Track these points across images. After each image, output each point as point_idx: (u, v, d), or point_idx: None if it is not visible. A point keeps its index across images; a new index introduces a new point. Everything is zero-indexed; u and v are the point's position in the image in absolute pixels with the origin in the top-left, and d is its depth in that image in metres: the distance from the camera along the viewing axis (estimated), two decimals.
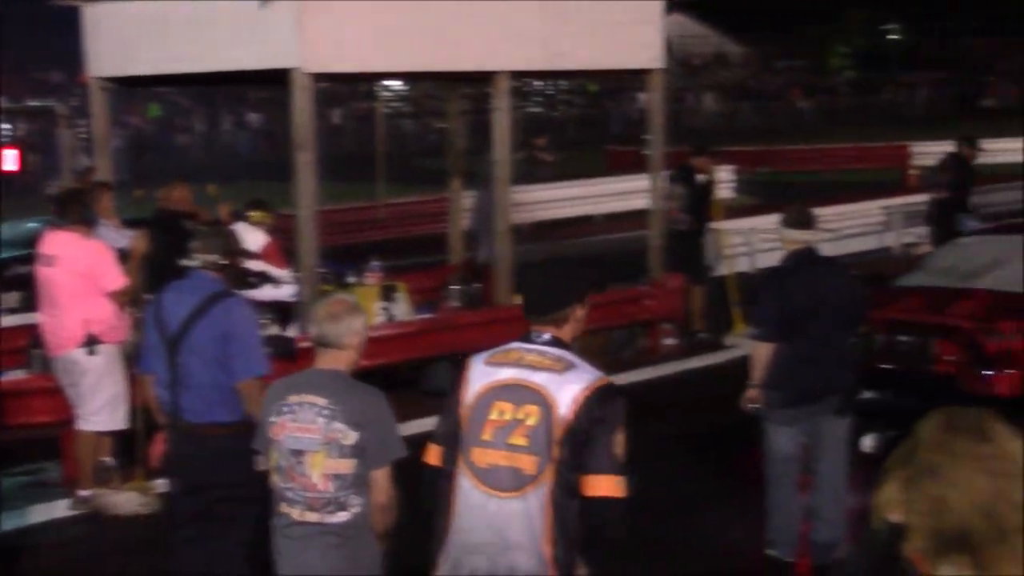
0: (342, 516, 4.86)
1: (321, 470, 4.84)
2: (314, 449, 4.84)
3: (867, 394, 7.20)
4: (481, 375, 4.28)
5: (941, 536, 2.82)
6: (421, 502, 4.37)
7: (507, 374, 4.23)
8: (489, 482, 4.15)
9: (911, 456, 2.94)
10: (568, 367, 4.18)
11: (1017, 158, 32.97)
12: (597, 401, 4.13)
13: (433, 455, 4.36)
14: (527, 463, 4.11)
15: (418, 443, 10.06)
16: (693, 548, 7.57)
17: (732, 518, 8.35)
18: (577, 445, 4.09)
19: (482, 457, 4.18)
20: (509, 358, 4.21)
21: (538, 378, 4.18)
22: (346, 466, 4.83)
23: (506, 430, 4.15)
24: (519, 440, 4.13)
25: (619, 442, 4.15)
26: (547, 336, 4.24)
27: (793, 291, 7.22)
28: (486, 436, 4.17)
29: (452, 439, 4.27)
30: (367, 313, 5.34)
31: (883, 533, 3.03)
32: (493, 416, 4.18)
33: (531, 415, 4.13)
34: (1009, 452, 2.86)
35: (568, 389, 4.14)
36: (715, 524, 8.29)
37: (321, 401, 4.85)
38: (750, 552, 7.63)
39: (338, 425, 4.82)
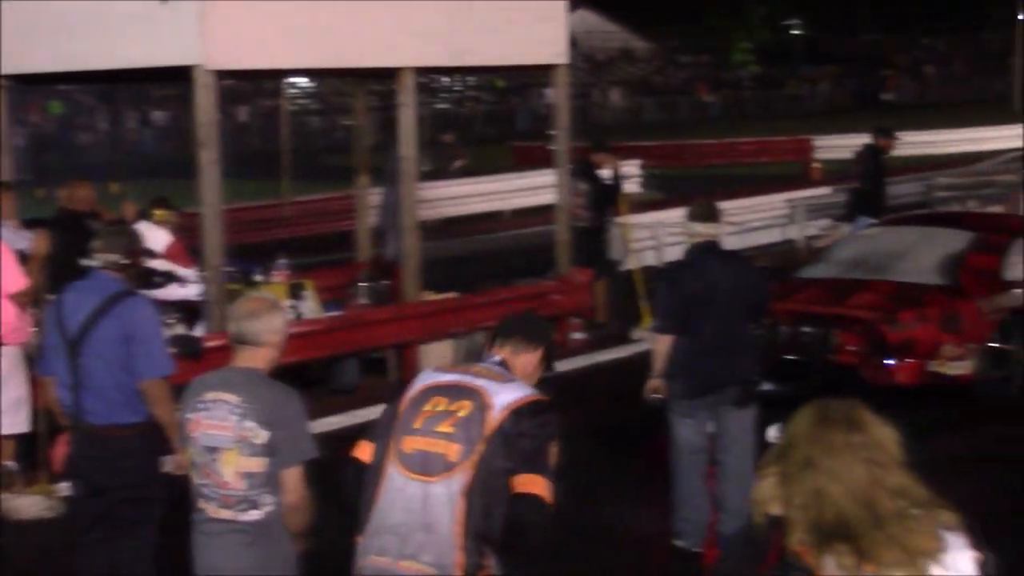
0: (254, 515, 4.85)
1: (234, 468, 4.82)
2: (227, 447, 4.83)
3: (767, 385, 7.26)
4: (425, 378, 4.44)
5: (821, 527, 2.89)
6: (342, 495, 4.38)
7: (450, 377, 4.38)
8: (411, 466, 4.21)
9: (786, 451, 3.00)
10: (510, 380, 4.34)
11: (916, 151, 33.60)
12: (531, 412, 4.25)
13: (361, 450, 4.40)
14: (450, 450, 4.18)
15: (327, 441, 10.00)
16: (601, 539, 7.62)
17: (640, 509, 8.42)
18: (504, 448, 4.16)
19: (409, 444, 4.25)
20: (456, 368, 4.46)
21: (479, 382, 4.31)
22: (257, 465, 4.81)
23: (436, 419, 4.24)
24: (446, 428, 4.21)
25: (552, 453, 4.23)
26: (498, 358, 4.41)
27: (690, 283, 7.31)
28: (416, 425, 4.26)
29: (385, 433, 4.32)
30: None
31: (764, 528, 3.10)
32: (427, 408, 4.28)
33: (464, 408, 4.23)
34: (880, 440, 2.95)
35: (505, 395, 4.27)
36: (623, 515, 8.35)
37: (234, 399, 4.83)
38: (658, 543, 7.70)
39: (249, 424, 4.80)
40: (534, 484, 4.16)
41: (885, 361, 9.94)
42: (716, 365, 7.24)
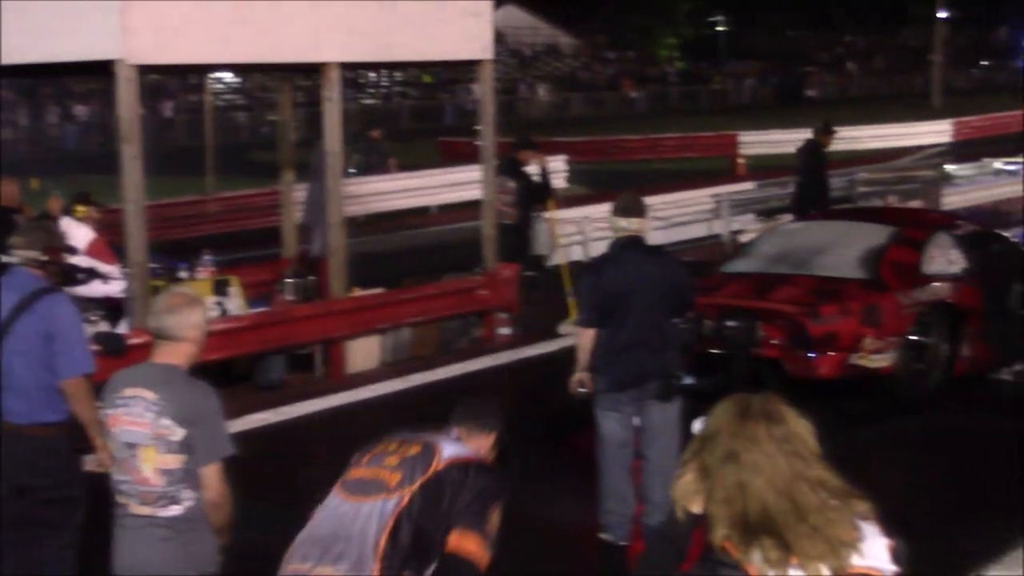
0: (174, 510, 4.83)
1: (152, 464, 4.81)
2: (145, 443, 4.81)
3: (691, 379, 7.31)
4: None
5: (745, 521, 2.91)
6: None
7: (406, 433, 4.64)
8: (350, 490, 4.44)
9: (706, 445, 3.03)
10: (459, 442, 4.43)
11: (838, 147, 33.95)
12: (477, 471, 4.42)
13: None
14: (391, 478, 4.36)
15: (253, 438, 9.99)
16: (527, 533, 7.65)
17: (566, 503, 8.46)
18: (444, 492, 4.31)
19: (354, 474, 4.51)
20: (394, 444, 4.58)
21: (430, 437, 4.55)
22: (175, 461, 4.80)
23: (384, 455, 4.49)
24: (392, 461, 4.44)
25: (493, 516, 4.31)
26: (455, 434, 4.62)
27: (613, 278, 7.35)
28: (364, 461, 4.53)
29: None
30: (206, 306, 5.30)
31: (684, 525, 3.13)
32: (378, 448, 4.55)
33: (413, 450, 4.46)
34: (799, 433, 2.99)
35: (453, 450, 4.48)
36: (549, 509, 8.39)
37: (151, 396, 4.81)
38: (584, 536, 7.74)
39: (165, 421, 4.78)
40: (469, 541, 4.25)
41: (808, 354, 10.04)
42: (639, 359, 7.29)
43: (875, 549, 2.99)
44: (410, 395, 11.36)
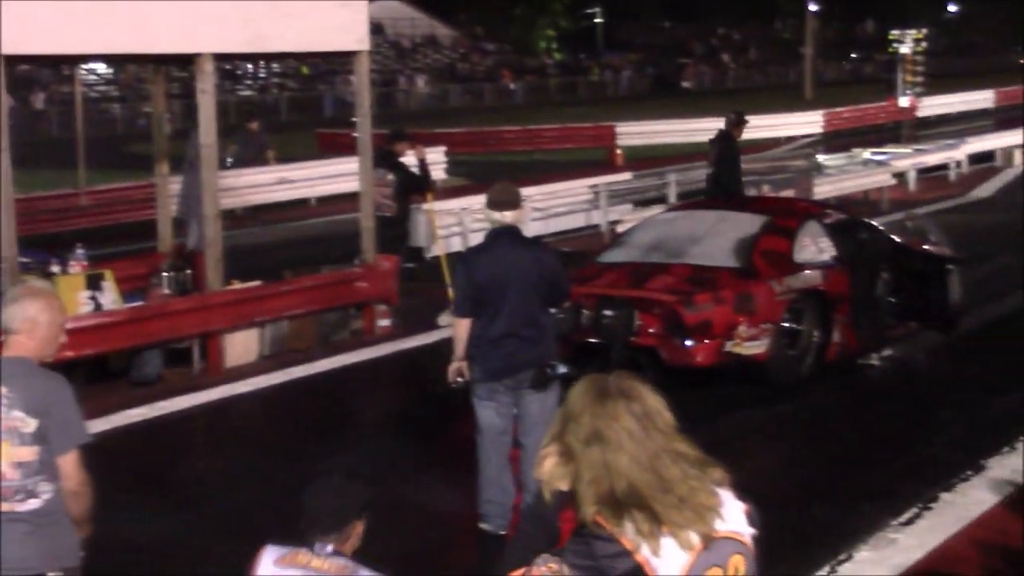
0: (33, 503, 4.76)
1: (6, 459, 4.72)
2: None
3: (564, 368, 7.36)
4: (266, 568, 4.26)
5: (614, 498, 2.98)
6: None
7: (294, 572, 4.23)
8: None
9: (567, 428, 3.08)
10: (355, 572, 4.25)
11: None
12: None
13: None
14: None
15: (128, 434, 9.87)
16: (407, 523, 7.67)
17: (446, 494, 8.49)
18: None
19: None
20: (297, 561, 4.21)
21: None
22: (29, 454, 4.72)
23: None
24: None
25: None
26: (330, 549, 4.26)
27: (484, 268, 7.38)
28: None
29: None
30: (60, 299, 5.17)
31: (552, 504, 3.18)
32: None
33: None
34: (656, 408, 3.07)
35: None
36: (428, 499, 8.42)
37: (1, 390, 4.73)
38: (463, 526, 7.78)
39: (16, 413, 4.71)
40: None
41: (684, 342, 10.18)
42: (515, 349, 7.33)
43: (734, 513, 3.11)
44: (289, 388, 11.30)
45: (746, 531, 3.13)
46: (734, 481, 3.16)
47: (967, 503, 7.67)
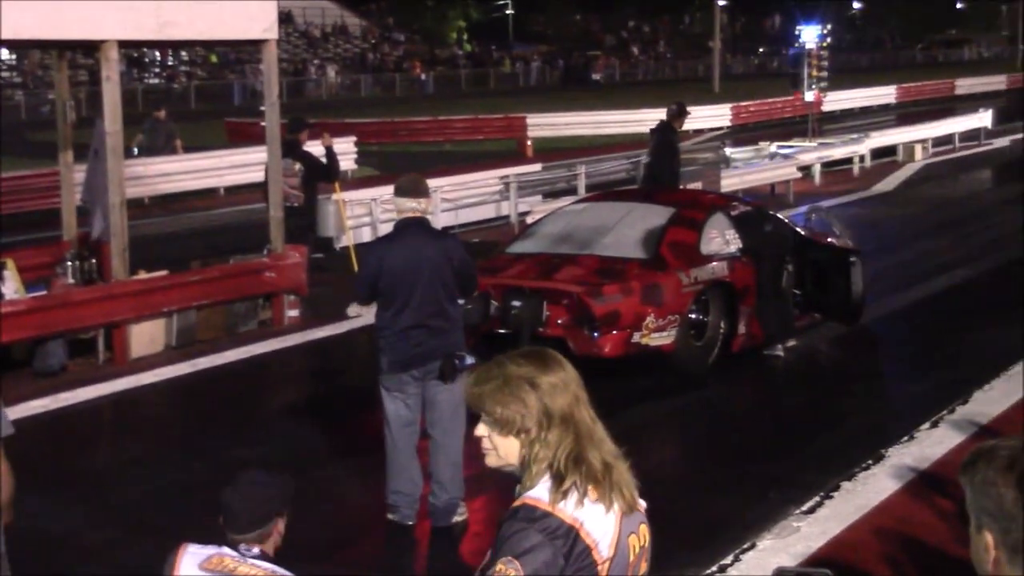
0: None
1: None
2: None
3: (471, 359, 7.35)
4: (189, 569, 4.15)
5: (575, 457, 3.13)
6: None
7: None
8: None
9: (526, 391, 3.17)
10: (261, 558, 4.19)
11: (624, 130, 34.74)
12: None
13: None
14: None
15: (31, 425, 9.71)
16: (315, 514, 7.65)
17: (355, 484, 8.48)
18: None
19: None
20: (224, 566, 4.11)
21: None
22: None
23: None
24: None
25: None
26: (257, 551, 4.20)
27: (393, 257, 7.37)
28: None
29: None
30: None
31: None
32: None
33: None
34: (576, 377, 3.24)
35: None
36: (336, 490, 8.40)
37: None
38: (371, 517, 7.78)
39: None
40: None
41: (592, 333, 10.24)
42: (423, 339, 7.33)
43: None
44: (195, 379, 11.20)
45: (643, 505, 3.30)
46: (636, 472, 3.26)
47: (868, 491, 7.80)
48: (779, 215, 12.61)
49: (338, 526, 7.79)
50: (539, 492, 3.08)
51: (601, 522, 3.08)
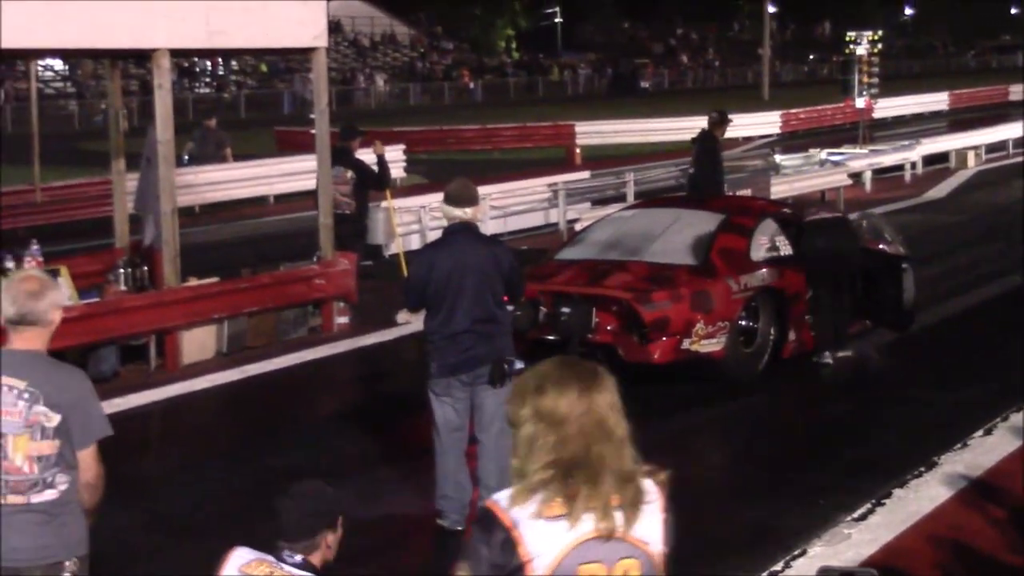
0: (49, 494, 4.74)
1: (24, 452, 4.69)
2: (16, 432, 4.69)
3: (520, 364, 7.34)
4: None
5: (570, 462, 3.07)
6: None
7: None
8: None
9: (555, 388, 3.13)
10: (306, 567, 4.22)
11: (672, 137, 34.64)
12: None
13: None
14: None
15: None
16: (365, 520, 7.66)
17: (402, 490, 8.50)
18: None
19: None
20: (260, 570, 4.15)
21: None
22: (50, 447, 4.70)
23: None
24: None
25: None
26: (299, 559, 4.24)
27: (442, 263, 7.38)
28: None
29: None
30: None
31: None
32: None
33: None
34: (622, 407, 3.17)
35: None
36: (385, 496, 8.42)
37: (21, 384, 4.69)
38: (421, 522, 7.79)
39: (40, 408, 4.68)
40: None
41: (641, 340, 10.22)
42: (472, 344, 7.33)
43: (650, 523, 3.14)
44: (245, 386, 11.27)
45: (655, 542, 3.14)
46: (686, 477, 3.19)
47: (920, 499, 7.74)
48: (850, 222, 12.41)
49: (387, 531, 7.81)
50: (502, 494, 3.11)
51: (549, 538, 3.02)
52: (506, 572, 3.03)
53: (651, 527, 3.12)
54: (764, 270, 11.02)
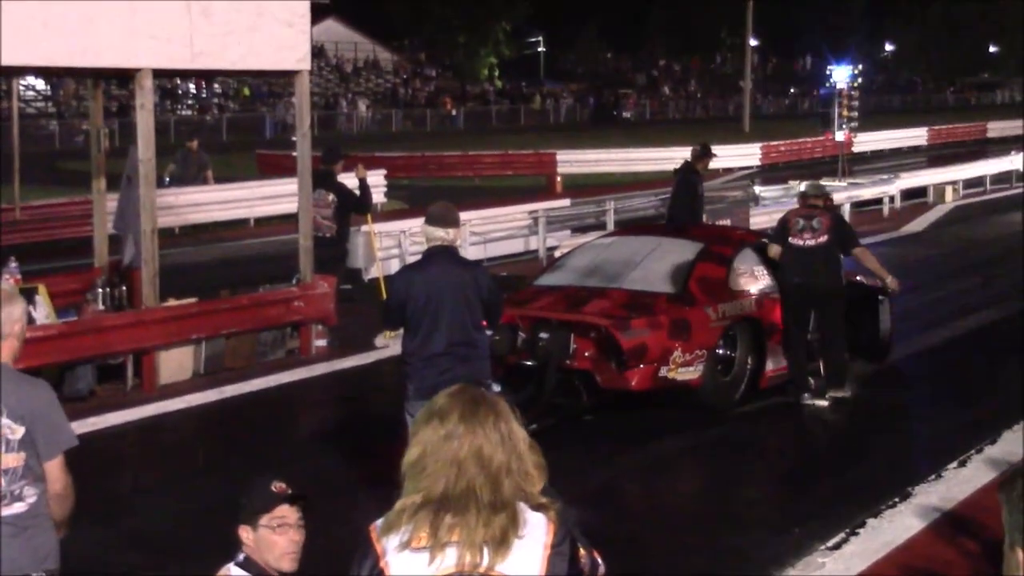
0: (18, 507, 4.71)
1: None
2: None
3: (496, 387, 7.37)
4: None
5: (440, 497, 3.11)
6: None
7: None
8: None
9: (434, 426, 3.21)
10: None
11: (652, 167, 34.79)
12: None
13: None
14: None
15: None
16: (339, 542, 7.64)
17: (380, 512, 8.46)
18: None
19: None
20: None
21: None
22: (15, 460, 4.68)
23: None
24: None
25: None
26: (241, 557, 4.34)
27: (420, 284, 7.39)
28: None
29: None
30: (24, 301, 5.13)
31: None
32: None
33: None
34: (519, 434, 3.18)
35: None
36: (361, 517, 8.38)
37: None
38: None
39: (3, 420, 4.66)
40: None
41: (619, 366, 10.23)
42: (449, 366, 7.33)
43: (526, 556, 3.07)
44: (222, 406, 11.24)
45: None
46: (661, 505, 3.20)
47: (894, 529, 7.76)
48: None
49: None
50: (381, 520, 3.21)
51: (411, 569, 3.07)
52: None
53: (526, 562, 3.05)
54: (742, 299, 11.06)
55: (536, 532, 3.08)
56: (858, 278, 12.45)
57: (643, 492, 9.10)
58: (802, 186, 11.95)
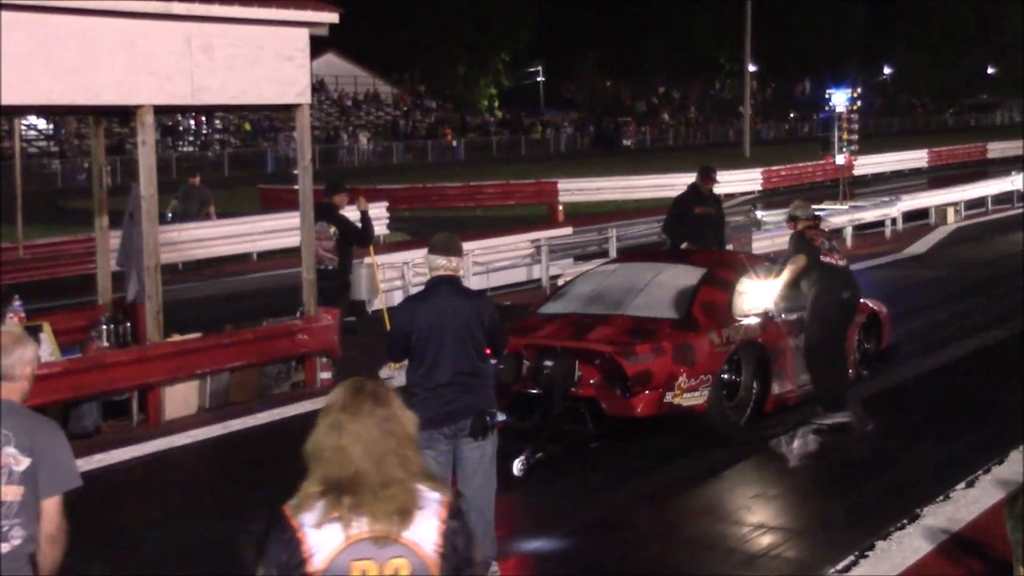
0: (2, 547, 4.70)
1: None
2: None
3: (502, 417, 7.36)
4: None
5: (338, 481, 3.44)
6: None
7: None
8: None
9: (319, 418, 3.56)
10: None
11: (654, 194, 34.84)
12: None
13: None
14: None
15: None
16: None
17: None
18: None
19: None
20: None
21: None
22: (13, 494, 4.67)
23: None
24: None
25: None
26: None
27: (424, 315, 7.40)
28: None
29: None
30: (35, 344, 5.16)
31: None
32: None
33: None
34: (399, 417, 3.53)
35: None
36: None
37: None
38: None
39: (10, 450, 4.67)
40: None
41: (624, 393, 10.22)
42: (454, 396, 7.33)
43: (425, 528, 3.47)
44: (228, 441, 11.23)
45: (428, 544, 3.46)
46: (666, 530, 3.25)
47: (903, 551, 7.74)
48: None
49: None
50: (291, 501, 3.52)
51: (325, 538, 3.42)
52: (291, 567, 3.42)
53: (425, 531, 3.45)
54: (746, 324, 11.05)
55: (431, 504, 3.49)
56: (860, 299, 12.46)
57: (651, 518, 9.07)
58: (794, 209, 11.92)
